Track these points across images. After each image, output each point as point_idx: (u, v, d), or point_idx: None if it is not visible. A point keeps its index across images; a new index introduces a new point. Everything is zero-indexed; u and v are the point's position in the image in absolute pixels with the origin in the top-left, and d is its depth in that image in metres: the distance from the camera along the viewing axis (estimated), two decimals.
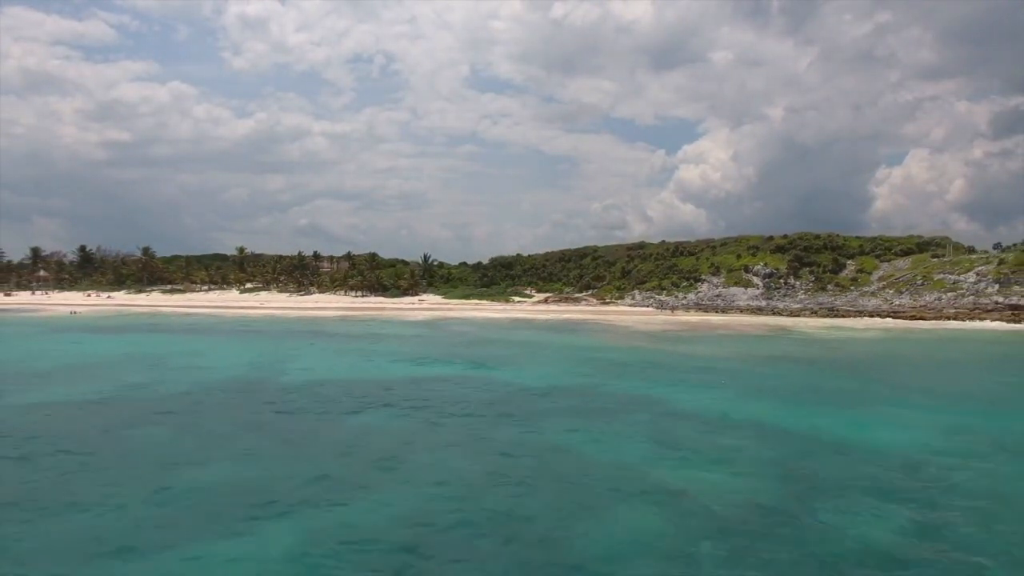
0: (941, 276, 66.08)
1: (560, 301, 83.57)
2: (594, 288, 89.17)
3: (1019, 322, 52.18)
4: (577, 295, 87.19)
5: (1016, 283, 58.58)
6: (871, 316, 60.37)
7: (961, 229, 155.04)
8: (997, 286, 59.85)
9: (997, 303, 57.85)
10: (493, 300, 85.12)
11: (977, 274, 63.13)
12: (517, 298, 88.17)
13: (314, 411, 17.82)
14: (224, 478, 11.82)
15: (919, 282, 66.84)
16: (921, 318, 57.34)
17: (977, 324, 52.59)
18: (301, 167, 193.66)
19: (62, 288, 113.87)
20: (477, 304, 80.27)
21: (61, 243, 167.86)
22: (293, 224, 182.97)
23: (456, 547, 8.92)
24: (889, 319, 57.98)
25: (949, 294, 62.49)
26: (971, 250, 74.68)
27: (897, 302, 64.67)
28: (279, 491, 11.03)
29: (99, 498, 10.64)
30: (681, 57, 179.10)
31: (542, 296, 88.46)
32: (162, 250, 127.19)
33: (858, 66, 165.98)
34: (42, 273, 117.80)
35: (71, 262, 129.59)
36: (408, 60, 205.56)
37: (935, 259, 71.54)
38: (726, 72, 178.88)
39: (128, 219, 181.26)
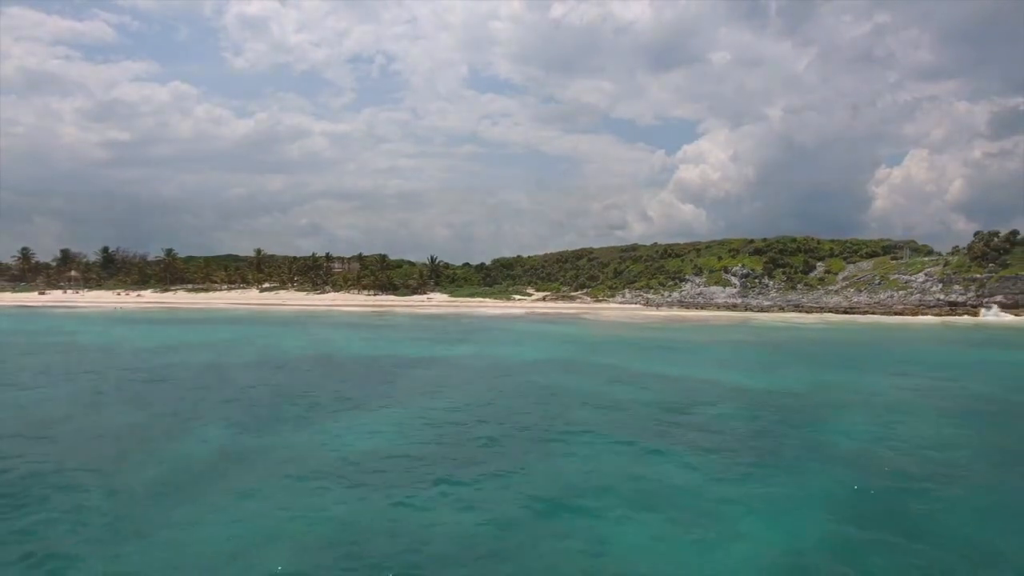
0: (896, 276, 74.12)
1: (557, 299, 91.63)
2: (588, 287, 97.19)
3: (952, 316, 60.24)
4: (573, 294, 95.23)
5: (956, 283, 66.63)
6: (830, 312, 68.40)
7: (960, 229, 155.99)
8: (940, 285, 67.90)
9: (939, 300, 66.00)
10: (496, 298, 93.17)
11: (926, 275, 71.16)
12: (518, 296, 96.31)
13: (380, 367, 25.72)
14: (342, 396, 19.64)
15: (877, 282, 74.88)
16: (872, 313, 65.40)
17: (913, 318, 60.65)
18: (301, 167, 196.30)
19: (90, 288, 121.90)
20: (481, 302, 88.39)
21: (62, 243, 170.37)
22: (293, 224, 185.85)
23: (487, 421, 16.75)
24: (844, 315, 66.00)
25: (900, 292, 70.58)
26: (928, 252, 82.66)
27: (856, 300, 72.74)
28: (381, 398, 18.91)
29: (294, 400, 18.50)
30: (680, 57, 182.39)
31: (541, 294, 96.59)
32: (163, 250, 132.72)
33: (857, 66, 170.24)
34: (73, 273, 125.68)
35: (94, 263, 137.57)
36: (408, 60, 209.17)
37: (894, 261, 79.57)
38: (725, 72, 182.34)
39: (128, 219, 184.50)
